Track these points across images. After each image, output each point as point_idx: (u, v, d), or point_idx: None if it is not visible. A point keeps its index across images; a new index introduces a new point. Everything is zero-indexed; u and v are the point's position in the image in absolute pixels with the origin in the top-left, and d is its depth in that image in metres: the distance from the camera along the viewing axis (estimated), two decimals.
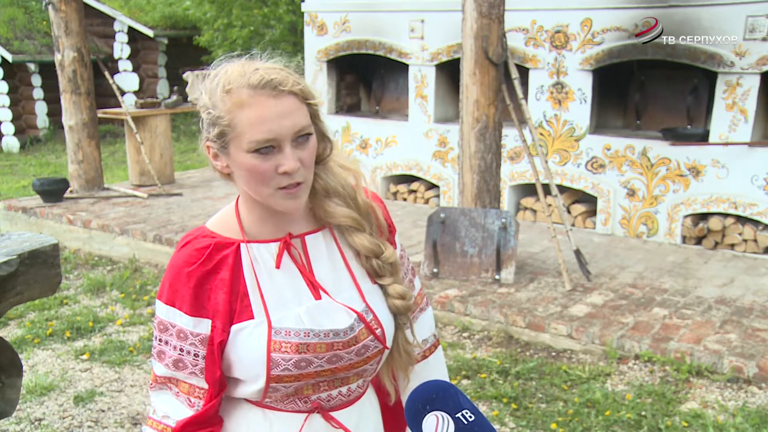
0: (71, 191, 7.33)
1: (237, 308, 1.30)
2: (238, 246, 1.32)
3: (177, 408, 1.34)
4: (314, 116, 1.28)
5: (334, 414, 1.39)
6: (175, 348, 1.31)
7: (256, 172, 1.23)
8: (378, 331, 1.35)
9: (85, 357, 4.27)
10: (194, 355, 1.30)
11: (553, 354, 4.23)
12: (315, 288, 1.34)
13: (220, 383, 1.32)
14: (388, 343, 1.38)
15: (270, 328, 1.29)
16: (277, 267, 1.32)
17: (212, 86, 1.25)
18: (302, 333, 1.29)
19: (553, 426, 3.42)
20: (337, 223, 1.37)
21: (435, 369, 1.55)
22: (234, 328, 1.30)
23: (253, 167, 1.23)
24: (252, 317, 1.30)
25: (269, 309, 1.30)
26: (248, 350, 1.29)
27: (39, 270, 2.09)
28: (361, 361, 1.36)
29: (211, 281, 1.30)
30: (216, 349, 1.30)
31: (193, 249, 1.31)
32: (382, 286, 1.40)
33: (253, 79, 1.21)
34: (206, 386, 1.31)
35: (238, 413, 1.38)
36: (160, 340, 1.33)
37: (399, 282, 1.40)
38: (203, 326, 1.30)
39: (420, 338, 1.51)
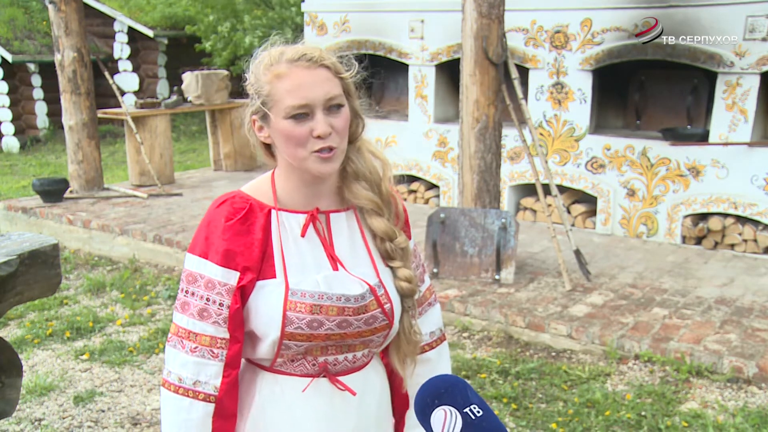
0: (71, 191, 7.33)
1: (263, 267, 1.41)
2: (270, 212, 1.44)
3: (203, 367, 1.39)
4: (347, 93, 1.43)
5: (340, 378, 1.48)
6: (201, 297, 1.40)
7: (292, 135, 1.37)
8: (387, 306, 1.46)
9: (85, 357, 4.27)
10: (219, 304, 1.39)
11: (553, 354, 4.22)
12: (334, 260, 1.46)
13: (241, 333, 1.42)
14: (395, 319, 1.48)
15: (287, 289, 1.40)
16: (302, 236, 1.44)
17: (257, 66, 1.42)
18: (317, 295, 1.40)
19: (553, 426, 3.42)
20: (360, 204, 1.48)
21: (441, 360, 1.66)
22: (258, 283, 1.41)
23: (290, 131, 1.37)
24: (274, 276, 1.41)
25: (289, 272, 1.41)
26: (267, 306, 1.39)
27: (39, 270, 2.09)
28: (369, 331, 1.45)
29: (245, 238, 1.41)
30: (239, 301, 1.40)
31: (231, 206, 1.43)
32: (392, 269, 1.51)
33: (289, 54, 1.39)
34: (227, 336, 1.40)
35: (250, 378, 1.49)
36: (186, 292, 1.41)
37: (408, 267, 1.51)
38: (231, 277, 1.39)
39: (428, 330, 1.63)
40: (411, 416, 1.62)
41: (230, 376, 1.41)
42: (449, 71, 6.90)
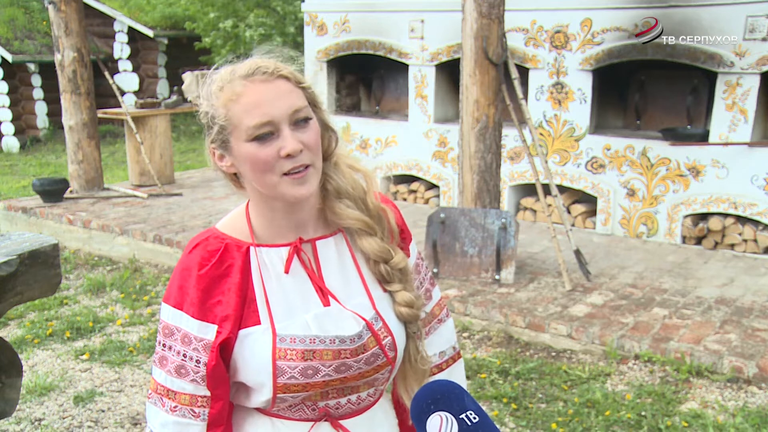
0: (71, 191, 7.33)
1: (245, 313, 1.28)
2: (248, 249, 1.30)
3: (185, 427, 1.29)
4: (313, 103, 1.28)
5: (342, 422, 1.36)
6: (178, 353, 1.28)
7: (258, 159, 1.22)
8: (387, 340, 1.32)
9: (85, 357, 4.28)
10: (196, 361, 1.27)
11: (553, 354, 4.22)
12: (324, 294, 1.32)
13: (224, 390, 1.30)
14: (399, 352, 1.35)
15: (275, 336, 1.26)
16: (286, 272, 1.30)
17: (207, 89, 1.29)
18: (308, 339, 1.27)
19: (553, 426, 3.42)
20: (346, 225, 1.35)
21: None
22: (241, 333, 1.28)
23: (255, 155, 1.22)
24: (258, 323, 1.28)
25: (275, 316, 1.28)
26: (254, 357, 1.27)
27: (39, 270, 2.09)
28: (371, 370, 1.33)
29: (221, 284, 1.28)
30: (218, 355, 1.27)
31: (204, 251, 1.29)
32: (390, 293, 1.37)
33: (241, 70, 1.24)
34: (208, 393, 1.28)
35: (247, 422, 1.37)
36: (164, 345, 1.30)
37: (408, 290, 1.37)
38: (209, 332, 1.27)
39: (438, 350, 1.49)
40: None
41: None
42: (449, 71, 6.90)
